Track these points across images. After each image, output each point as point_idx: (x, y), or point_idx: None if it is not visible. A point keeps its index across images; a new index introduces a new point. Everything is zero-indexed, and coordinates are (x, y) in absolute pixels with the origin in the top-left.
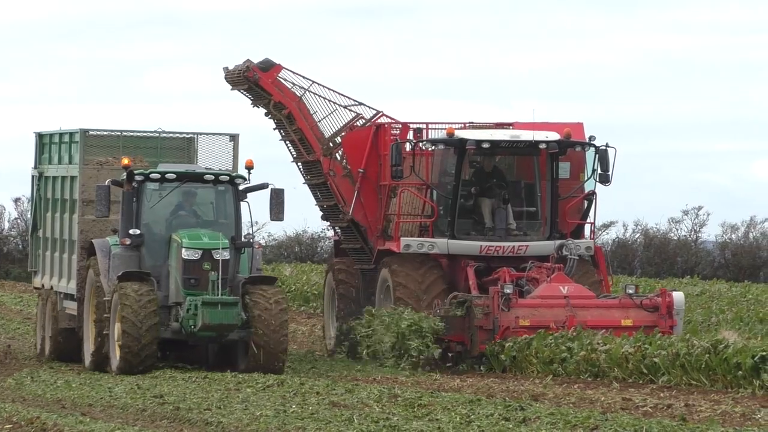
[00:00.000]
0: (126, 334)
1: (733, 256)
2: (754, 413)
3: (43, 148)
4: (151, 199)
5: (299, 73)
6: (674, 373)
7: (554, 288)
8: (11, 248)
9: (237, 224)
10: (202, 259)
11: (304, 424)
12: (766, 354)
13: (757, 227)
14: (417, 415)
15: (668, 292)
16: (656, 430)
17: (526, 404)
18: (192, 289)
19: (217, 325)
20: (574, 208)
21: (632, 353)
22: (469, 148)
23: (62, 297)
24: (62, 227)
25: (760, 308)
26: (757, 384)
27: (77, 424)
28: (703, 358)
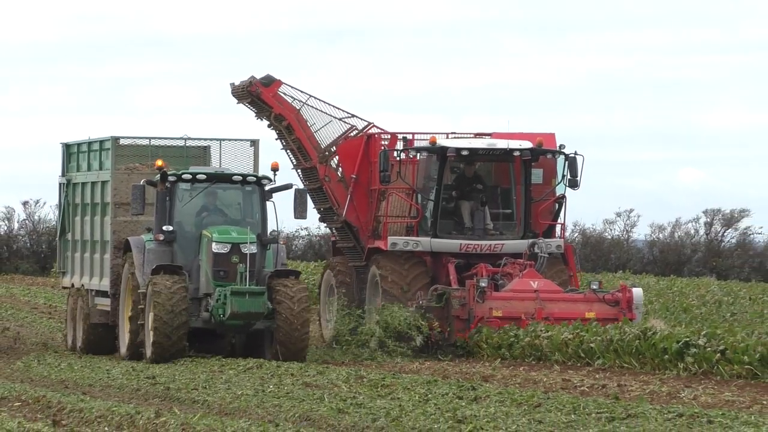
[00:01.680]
0: (158, 324)
1: (660, 254)
2: (679, 392)
3: (70, 157)
4: (183, 199)
5: (298, 88)
6: (608, 356)
7: (525, 282)
8: (20, 246)
9: (263, 222)
10: (230, 252)
11: (280, 402)
12: (689, 340)
13: (682, 228)
14: (380, 395)
15: (628, 288)
16: (592, 408)
17: (477, 384)
18: (221, 280)
19: (245, 313)
20: (546, 210)
21: (571, 339)
22: (449, 155)
23: (94, 294)
24: (93, 229)
25: (684, 299)
26: (681, 366)
27: (78, 402)
28: (633, 343)
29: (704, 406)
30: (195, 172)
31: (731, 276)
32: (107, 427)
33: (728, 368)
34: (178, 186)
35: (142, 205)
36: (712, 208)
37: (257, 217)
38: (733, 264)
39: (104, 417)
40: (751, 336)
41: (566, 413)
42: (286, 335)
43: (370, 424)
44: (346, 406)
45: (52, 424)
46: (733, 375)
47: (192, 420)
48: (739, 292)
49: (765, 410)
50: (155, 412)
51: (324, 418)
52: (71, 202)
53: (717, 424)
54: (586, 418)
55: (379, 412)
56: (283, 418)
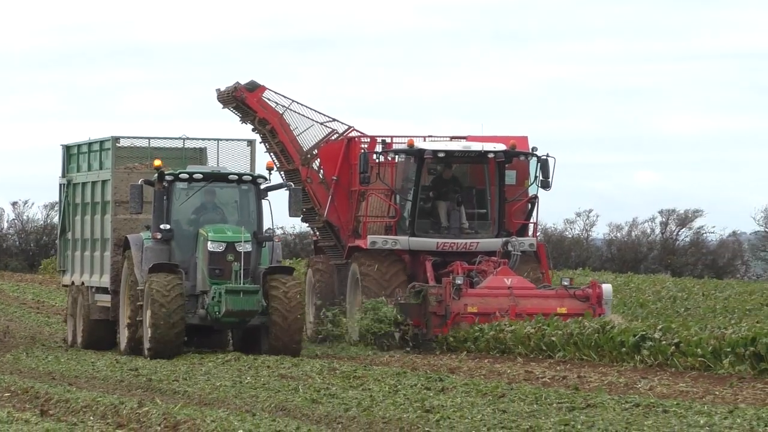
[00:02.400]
0: (155, 321)
1: (618, 251)
2: (636, 383)
3: (70, 158)
4: (180, 198)
5: (281, 94)
6: (569, 349)
7: (499, 280)
8: (10, 244)
9: (259, 220)
10: (226, 251)
11: (257, 392)
12: (645, 333)
13: (638, 227)
14: (352, 385)
15: (598, 284)
16: (553, 398)
17: (444, 376)
18: (217, 278)
19: (239, 311)
20: (519, 210)
21: (533, 333)
22: (427, 157)
23: (94, 291)
24: (93, 227)
25: (640, 295)
26: (638, 359)
27: (65, 392)
28: (593, 337)
29: (660, 396)
30: (192, 171)
31: (685, 273)
32: (92, 417)
33: (682, 360)
34: (176, 185)
35: (140, 203)
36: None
37: (253, 216)
38: (687, 261)
39: (89, 407)
40: (704, 330)
41: (529, 403)
42: (280, 331)
43: (342, 414)
44: (319, 397)
45: (40, 414)
46: (687, 367)
47: (173, 410)
48: (693, 288)
49: (717, 400)
50: (138, 402)
51: (299, 407)
52: (71, 202)
53: (672, 413)
54: (547, 408)
55: (351, 402)
56: (259, 407)
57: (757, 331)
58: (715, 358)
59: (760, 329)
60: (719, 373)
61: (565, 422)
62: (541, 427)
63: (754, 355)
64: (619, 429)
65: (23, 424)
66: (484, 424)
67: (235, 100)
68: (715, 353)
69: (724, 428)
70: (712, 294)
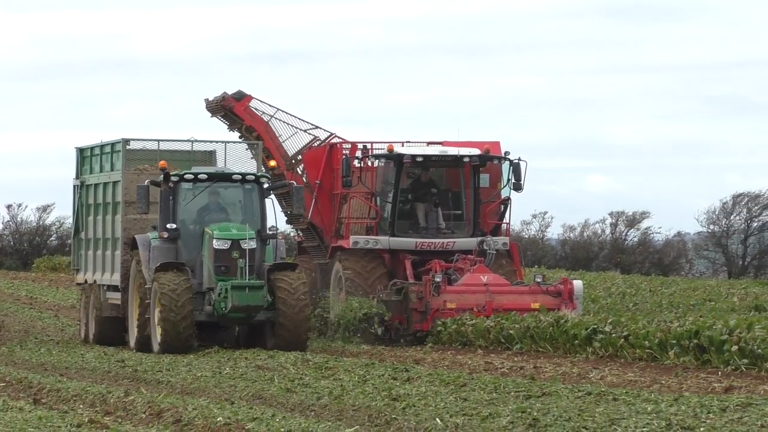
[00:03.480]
0: (165, 319)
1: (571, 251)
2: (588, 373)
3: (83, 160)
4: (185, 198)
5: (267, 102)
6: (525, 342)
7: (476, 277)
8: (4, 244)
9: (262, 218)
10: (231, 248)
11: (235, 382)
12: (596, 327)
13: (590, 228)
14: (324, 376)
15: (569, 280)
16: (511, 387)
17: (410, 367)
18: (222, 275)
19: (245, 306)
20: (493, 211)
21: (493, 326)
22: (405, 161)
23: (105, 289)
24: (105, 227)
25: (592, 291)
26: (590, 350)
27: (56, 382)
28: (548, 330)
29: (610, 385)
30: (196, 172)
31: (634, 270)
32: (82, 405)
33: (631, 352)
34: (181, 185)
35: (146, 204)
36: (617, 210)
37: (257, 214)
38: (636, 260)
39: (79, 396)
40: (651, 323)
41: (488, 392)
42: (287, 326)
43: (315, 402)
44: (293, 386)
45: (33, 402)
46: (635, 358)
47: (157, 398)
48: (641, 284)
49: (663, 389)
50: (124, 392)
51: (274, 396)
52: (84, 203)
53: (621, 401)
54: (505, 396)
55: (323, 391)
56: (237, 396)
57: (700, 324)
58: (662, 350)
59: (702, 323)
60: (665, 363)
61: (522, 409)
62: (499, 414)
63: (698, 346)
64: (572, 416)
65: (17, 411)
66: (446, 411)
67: (223, 109)
68: (661, 345)
69: (670, 415)
70: (658, 290)
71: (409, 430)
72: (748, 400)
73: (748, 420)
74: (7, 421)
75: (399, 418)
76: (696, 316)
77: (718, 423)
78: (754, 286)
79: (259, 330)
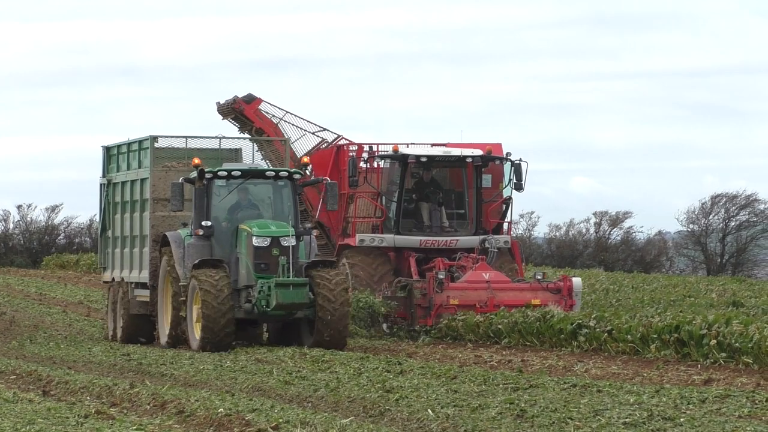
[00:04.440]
0: (205, 316)
1: (557, 249)
2: (573, 366)
3: (110, 158)
4: (219, 194)
5: (276, 105)
6: (513, 336)
7: (478, 274)
8: (15, 243)
9: (295, 215)
10: (271, 245)
11: (236, 375)
12: (581, 322)
13: (575, 227)
14: (321, 369)
15: (569, 278)
16: (500, 379)
17: (403, 360)
18: (262, 273)
19: (289, 303)
20: (495, 211)
21: (482, 322)
22: (410, 162)
23: (133, 287)
24: (133, 224)
25: None
26: (575, 344)
27: (64, 375)
28: (535, 325)
29: (594, 377)
30: (230, 168)
31: (617, 268)
32: (89, 397)
33: (614, 346)
34: (215, 182)
35: (181, 201)
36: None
37: (290, 211)
38: (618, 258)
39: (86, 388)
40: (633, 318)
41: (478, 384)
42: (326, 324)
43: (312, 394)
44: (291, 379)
45: (42, 394)
46: (618, 351)
47: (161, 390)
48: (623, 281)
49: (645, 381)
50: (130, 384)
51: (273, 388)
52: (111, 201)
53: (605, 393)
54: (494, 388)
55: (319, 384)
56: (238, 388)
57: (680, 319)
58: (644, 344)
59: (683, 318)
60: (647, 356)
61: (510, 401)
62: (488, 405)
63: (678, 340)
64: (558, 407)
65: (27, 403)
66: (438, 402)
67: (234, 111)
68: (643, 339)
69: (652, 406)
70: (640, 287)
71: (402, 420)
72: (726, 391)
73: (726, 411)
74: (17, 411)
75: (392, 410)
76: (676, 312)
77: (697, 413)
78: (732, 283)
79: (291, 328)
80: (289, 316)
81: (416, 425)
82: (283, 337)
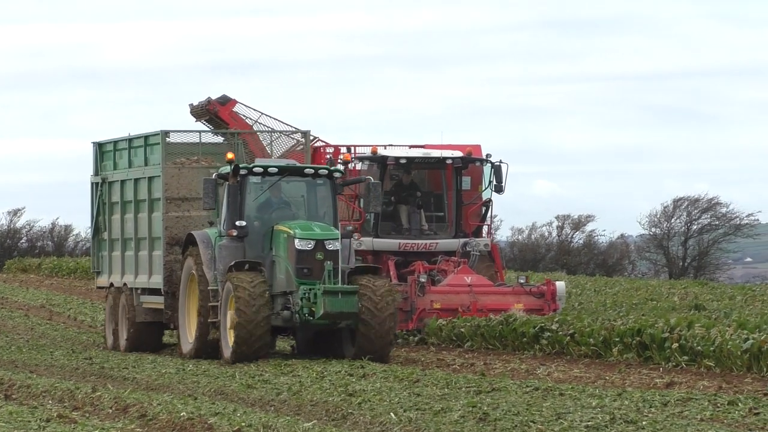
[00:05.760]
0: (240, 323)
1: (519, 252)
2: (535, 369)
3: (103, 156)
4: (254, 192)
5: (250, 107)
6: (476, 339)
7: (460, 278)
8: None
9: (335, 215)
10: (314, 249)
11: (198, 379)
12: (544, 325)
13: (537, 230)
14: (283, 372)
15: (552, 282)
16: (462, 382)
17: (365, 363)
18: (305, 278)
19: (338, 313)
20: (474, 213)
21: (445, 325)
22: (389, 163)
23: (139, 293)
24: (138, 226)
25: None
26: (537, 347)
27: (26, 379)
28: (497, 328)
29: (557, 381)
30: (266, 165)
31: (579, 271)
32: (51, 400)
33: (577, 349)
34: (249, 179)
35: (213, 199)
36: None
37: (329, 212)
38: (581, 261)
39: (48, 392)
40: (595, 322)
41: (440, 387)
42: (371, 334)
43: (274, 398)
44: (254, 382)
45: (4, 398)
46: (580, 355)
47: (123, 394)
48: (586, 284)
49: (608, 384)
50: (92, 388)
51: (236, 392)
52: (107, 201)
53: (567, 396)
54: (457, 392)
55: (282, 387)
56: (200, 392)
57: (642, 322)
58: (606, 347)
59: (645, 321)
60: (609, 360)
61: (473, 404)
62: (451, 409)
63: (640, 344)
64: (520, 410)
65: None
66: (400, 406)
67: (209, 113)
68: (605, 342)
69: (614, 409)
70: (602, 290)
71: (365, 424)
72: (688, 395)
73: (688, 414)
74: None
75: (355, 413)
76: (638, 315)
77: (659, 417)
78: (694, 286)
79: (325, 337)
80: (332, 326)
81: (379, 429)
82: (315, 347)
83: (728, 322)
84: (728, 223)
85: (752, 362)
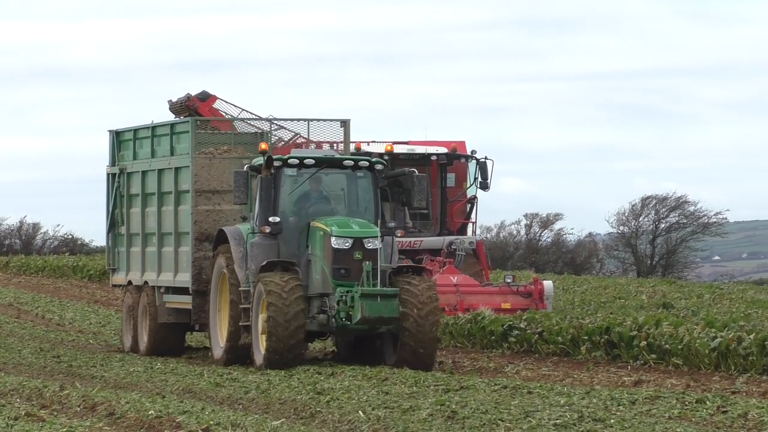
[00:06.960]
0: (272, 328)
1: (488, 251)
2: (504, 367)
3: (121, 145)
4: (289, 186)
5: (231, 103)
6: (444, 338)
7: (446, 278)
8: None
9: (376, 211)
10: (352, 248)
11: (167, 377)
12: (512, 323)
13: (506, 229)
14: (252, 371)
15: (540, 281)
16: (431, 381)
17: (333, 363)
18: (342, 279)
19: (377, 317)
20: (459, 210)
21: None
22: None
23: (162, 292)
24: (162, 220)
25: None
26: (506, 346)
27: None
28: (466, 326)
29: (525, 379)
30: (302, 156)
31: (547, 269)
32: (19, 399)
33: (545, 347)
34: (284, 171)
35: (245, 193)
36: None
37: (370, 207)
38: (549, 259)
39: (16, 390)
40: (564, 320)
41: (409, 386)
42: (414, 340)
43: (243, 396)
44: (222, 381)
45: None
46: (548, 353)
47: (91, 393)
48: (554, 283)
49: (576, 383)
50: (60, 386)
51: (204, 390)
52: (125, 193)
53: (536, 394)
54: (425, 390)
55: (250, 386)
56: (169, 390)
57: (610, 321)
58: (574, 345)
59: (613, 319)
60: (577, 358)
61: (441, 402)
62: (419, 407)
63: (608, 342)
64: (489, 408)
65: None
66: (369, 404)
67: (188, 109)
68: (573, 341)
69: (582, 407)
70: (571, 288)
71: (333, 422)
72: (656, 393)
73: (656, 412)
74: None
75: (323, 411)
76: (606, 313)
77: (627, 415)
78: (662, 285)
79: (367, 343)
80: (372, 331)
81: (347, 427)
82: (356, 353)
83: (696, 321)
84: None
85: (720, 360)
